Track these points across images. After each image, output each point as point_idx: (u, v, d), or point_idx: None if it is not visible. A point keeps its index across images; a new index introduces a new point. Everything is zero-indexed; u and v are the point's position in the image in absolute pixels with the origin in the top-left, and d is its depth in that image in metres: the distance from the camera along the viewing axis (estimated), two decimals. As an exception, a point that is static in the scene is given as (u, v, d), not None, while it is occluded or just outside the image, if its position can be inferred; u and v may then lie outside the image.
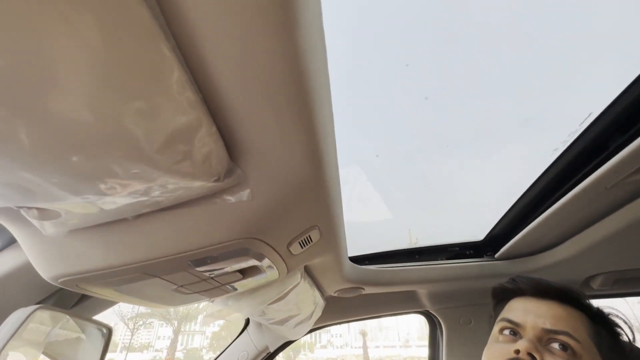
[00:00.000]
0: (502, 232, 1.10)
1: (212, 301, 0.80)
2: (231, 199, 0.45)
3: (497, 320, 0.69)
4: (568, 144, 0.67)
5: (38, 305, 0.49)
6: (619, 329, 0.63)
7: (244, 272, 0.61)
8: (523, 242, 1.04)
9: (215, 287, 0.63)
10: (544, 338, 0.57)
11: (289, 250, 0.61)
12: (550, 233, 0.98)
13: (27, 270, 0.54)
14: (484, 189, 1.00)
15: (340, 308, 1.37)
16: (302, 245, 0.62)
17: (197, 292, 0.62)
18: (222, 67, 0.30)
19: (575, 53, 0.57)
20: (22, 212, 0.36)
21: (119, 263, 0.46)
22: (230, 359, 1.36)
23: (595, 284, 1.18)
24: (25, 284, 0.56)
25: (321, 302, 1.19)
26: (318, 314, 1.20)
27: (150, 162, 0.31)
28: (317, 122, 0.39)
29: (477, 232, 1.14)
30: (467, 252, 1.19)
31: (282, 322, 1.05)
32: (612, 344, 0.60)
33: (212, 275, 0.56)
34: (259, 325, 1.33)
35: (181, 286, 0.57)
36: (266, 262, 0.59)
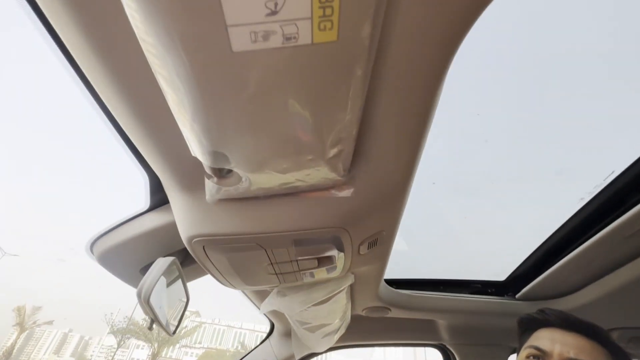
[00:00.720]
0: (524, 273, 1.20)
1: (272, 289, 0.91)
2: (338, 193, 0.59)
3: (524, 347, 0.76)
4: (593, 195, 0.81)
5: (173, 258, 0.62)
6: None
7: (320, 262, 0.73)
8: (544, 284, 1.13)
9: (292, 272, 0.75)
10: None
11: (358, 249, 0.73)
12: (571, 278, 1.08)
13: (159, 232, 0.68)
14: (512, 231, 1.12)
15: (360, 330, 1.43)
16: (368, 246, 0.74)
17: (276, 274, 0.74)
18: (385, 100, 0.46)
19: (607, 119, 0.73)
20: (207, 177, 0.51)
21: (244, 231, 0.60)
22: (249, 366, 1.41)
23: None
24: (155, 244, 0.69)
25: (348, 319, 1.27)
26: (343, 330, 1.27)
27: (321, 153, 0.46)
28: (420, 144, 0.54)
29: (500, 272, 1.24)
30: (489, 290, 1.27)
31: (315, 328, 1.13)
32: None
33: (299, 258, 0.69)
34: (284, 334, 1.40)
35: (272, 263, 0.69)
36: (340, 254, 0.72)
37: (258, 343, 1.48)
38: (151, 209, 0.66)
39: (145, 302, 0.55)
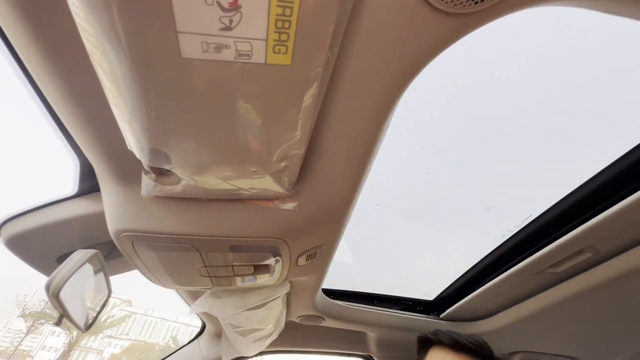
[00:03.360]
0: (449, 295, 1.29)
1: (209, 289, 0.88)
2: (281, 205, 0.60)
3: None
4: (512, 233, 0.90)
5: (96, 250, 0.58)
6: None
7: (256, 269, 0.73)
8: (464, 308, 1.23)
9: (225, 277, 0.73)
10: None
11: (297, 260, 0.74)
12: (487, 304, 1.19)
13: (85, 220, 0.63)
14: (443, 256, 1.21)
15: (293, 336, 1.44)
16: (307, 258, 0.76)
17: (210, 276, 0.72)
18: (334, 126, 0.48)
19: (531, 170, 0.83)
20: (144, 172, 0.49)
21: (178, 232, 0.58)
22: (173, 366, 1.34)
23: (514, 360, 1.38)
24: (78, 232, 0.64)
25: (282, 325, 1.27)
26: (275, 335, 1.27)
27: (266, 166, 0.46)
28: (366, 169, 0.56)
29: (430, 292, 1.33)
30: (418, 308, 1.36)
31: (247, 332, 1.11)
32: None
33: (234, 264, 0.68)
34: (215, 336, 1.36)
35: (206, 266, 0.67)
36: (279, 264, 0.72)
37: (187, 342, 1.42)
38: (78, 195, 0.61)
39: (54, 296, 0.50)
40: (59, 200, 0.61)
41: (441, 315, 1.33)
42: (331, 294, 1.30)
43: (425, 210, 0.95)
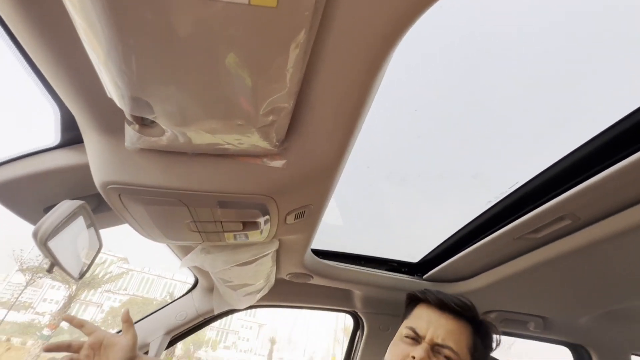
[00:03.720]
0: (433, 258, 1.35)
1: (199, 245, 0.91)
2: (269, 163, 0.59)
3: (405, 324, 0.87)
4: (498, 200, 0.92)
5: (82, 202, 0.58)
6: (491, 337, 0.87)
7: (245, 226, 0.74)
8: (446, 270, 1.30)
9: (215, 232, 0.75)
10: (435, 348, 0.78)
11: (285, 219, 0.76)
12: (468, 267, 1.25)
13: (70, 172, 0.62)
14: (430, 220, 1.24)
15: (283, 292, 1.51)
16: (295, 217, 0.77)
17: (199, 232, 0.74)
18: (324, 80, 0.46)
19: (520, 136, 0.83)
20: (127, 122, 0.48)
21: (165, 185, 0.57)
22: (167, 317, 1.42)
23: (490, 319, 1.49)
24: (63, 183, 0.63)
25: (272, 282, 1.33)
26: (265, 291, 1.33)
27: (252, 120, 0.45)
28: (355, 127, 0.56)
29: (416, 254, 1.38)
30: (403, 269, 1.42)
31: (238, 287, 1.16)
32: (482, 351, 0.83)
33: (223, 220, 0.69)
34: (207, 290, 1.42)
35: (195, 221, 0.68)
36: (266, 222, 0.74)
37: (180, 295, 1.48)
38: (62, 145, 0.60)
39: (42, 244, 0.51)
40: (42, 151, 0.60)
41: (424, 276, 1.40)
42: (320, 254, 1.34)
43: (414, 174, 0.96)
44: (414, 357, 0.73)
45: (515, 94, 0.87)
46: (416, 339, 0.79)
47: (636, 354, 1.92)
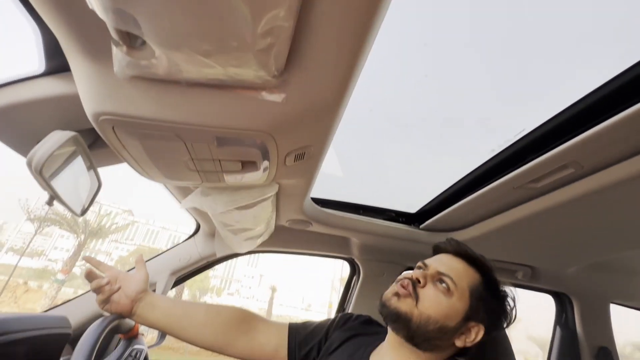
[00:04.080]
0: (431, 208, 1.37)
1: (196, 187, 0.91)
2: (269, 97, 0.56)
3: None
4: (502, 148, 0.90)
5: (75, 132, 0.56)
6: (503, 299, 0.88)
7: (243, 166, 0.73)
8: (443, 220, 1.32)
9: (213, 172, 0.74)
10: (436, 277, 0.80)
11: (284, 160, 0.74)
12: (464, 217, 1.27)
13: (59, 101, 0.59)
14: (431, 170, 1.24)
15: (283, 239, 1.56)
16: (295, 159, 0.76)
17: (197, 170, 0.73)
18: (326, 8, 0.41)
19: (533, 79, 0.78)
20: (114, 43, 0.44)
21: (160, 118, 0.55)
22: (172, 259, 1.48)
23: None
24: (54, 114, 0.61)
25: (272, 227, 1.36)
26: (266, 236, 1.38)
27: (249, 40, 0.42)
28: (358, 60, 0.52)
29: (413, 204, 1.40)
30: (400, 219, 1.45)
31: (237, 231, 1.19)
32: (486, 299, 0.85)
33: (221, 158, 0.68)
34: (209, 234, 1.46)
35: (192, 159, 0.67)
36: (265, 162, 0.73)
37: (183, 240, 1.53)
38: (48, 73, 0.57)
39: (37, 172, 0.50)
40: (27, 78, 0.57)
41: (421, 226, 1.43)
42: (319, 202, 1.36)
43: (418, 118, 0.93)
44: (412, 276, 0.77)
45: (529, 37, 0.81)
46: (422, 268, 0.82)
47: (615, 303, 2.04)
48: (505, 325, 0.83)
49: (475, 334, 0.77)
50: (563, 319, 2.02)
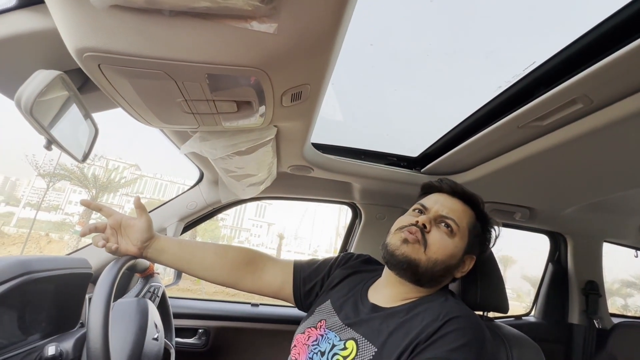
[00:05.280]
0: (433, 152, 1.36)
1: (194, 132, 0.91)
2: (260, 27, 0.53)
3: (415, 203, 0.93)
4: (509, 84, 0.86)
5: (60, 72, 0.54)
6: (490, 229, 0.92)
7: (239, 107, 0.71)
8: (445, 162, 1.32)
9: (209, 114, 0.73)
10: (438, 219, 0.82)
11: (281, 100, 0.72)
12: (467, 159, 1.26)
13: (39, 38, 0.56)
14: (433, 112, 1.20)
15: (286, 185, 1.59)
16: (292, 99, 0.74)
17: (193, 113, 0.72)
18: None
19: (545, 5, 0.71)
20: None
21: (147, 54, 0.53)
22: (179, 206, 1.53)
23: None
24: (37, 52, 0.58)
25: (274, 174, 1.38)
26: (268, 183, 1.40)
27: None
28: None
29: (414, 149, 1.39)
30: (402, 163, 1.45)
31: (240, 177, 1.21)
32: (480, 234, 0.89)
33: (215, 98, 0.66)
34: (213, 182, 1.49)
35: (186, 100, 0.65)
36: (262, 105, 0.71)
37: (187, 189, 1.57)
38: (22, 6, 0.53)
39: (28, 112, 0.49)
40: (0, 12, 0.53)
41: (422, 170, 1.43)
42: (320, 147, 1.35)
43: (421, 52, 0.87)
44: (417, 221, 0.79)
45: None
46: (422, 211, 0.84)
47: (608, 241, 2.12)
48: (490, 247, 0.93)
49: (469, 264, 0.84)
50: (556, 256, 2.13)
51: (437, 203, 0.85)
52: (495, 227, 0.92)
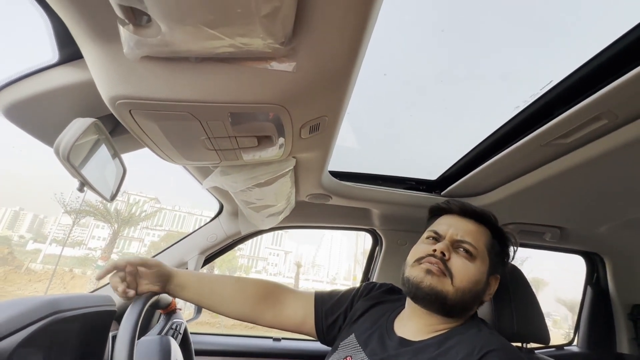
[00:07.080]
0: (452, 174, 1.34)
1: (215, 167, 0.93)
2: (279, 66, 0.55)
3: (427, 230, 0.90)
4: (527, 104, 0.85)
5: (95, 119, 0.58)
6: (508, 244, 0.88)
7: (259, 141, 0.73)
8: (464, 185, 1.29)
9: (231, 150, 0.75)
10: (455, 244, 0.79)
11: (300, 132, 0.74)
12: (488, 180, 1.23)
13: (77, 89, 0.61)
14: (450, 135, 1.20)
15: (305, 214, 1.59)
16: (310, 131, 0.75)
17: (215, 150, 0.74)
18: None
19: (558, 26, 0.72)
20: (120, 23, 0.44)
21: (174, 97, 0.56)
22: (200, 239, 1.54)
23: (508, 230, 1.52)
24: (74, 102, 0.63)
25: (292, 203, 1.38)
26: (287, 212, 1.40)
27: (252, 6, 0.40)
28: (368, 22, 0.49)
29: (433, 172, 1.37)
30: (421, 187, 1.43)
31: (259, 208, 1.22)
32: (500, 253, 0.85)
33: (237, 135, 0.68)
34: (232, 214, 1.51)
35: (209, 138, 0.68)
36: (281, 136, 0.73)
37: (208, 221, 1.59)
38: (63, 62, 0.58)
39: (65, 159, 0.52)
40: (43, 69, 0.58)
41: (442, 193, 1.40)
42: (338, 175, 1.36)
43: (435, 79, 0.89)
44: (435, 250, 0.76)
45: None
46: (437, 238, 0.82)
47: (651, 260, 1.96)
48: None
49: (495, 284, 0.82)
50: (594, 279, 1.98)
51: (451, 227, 0.82)
52: (513, 240, 0.88)
